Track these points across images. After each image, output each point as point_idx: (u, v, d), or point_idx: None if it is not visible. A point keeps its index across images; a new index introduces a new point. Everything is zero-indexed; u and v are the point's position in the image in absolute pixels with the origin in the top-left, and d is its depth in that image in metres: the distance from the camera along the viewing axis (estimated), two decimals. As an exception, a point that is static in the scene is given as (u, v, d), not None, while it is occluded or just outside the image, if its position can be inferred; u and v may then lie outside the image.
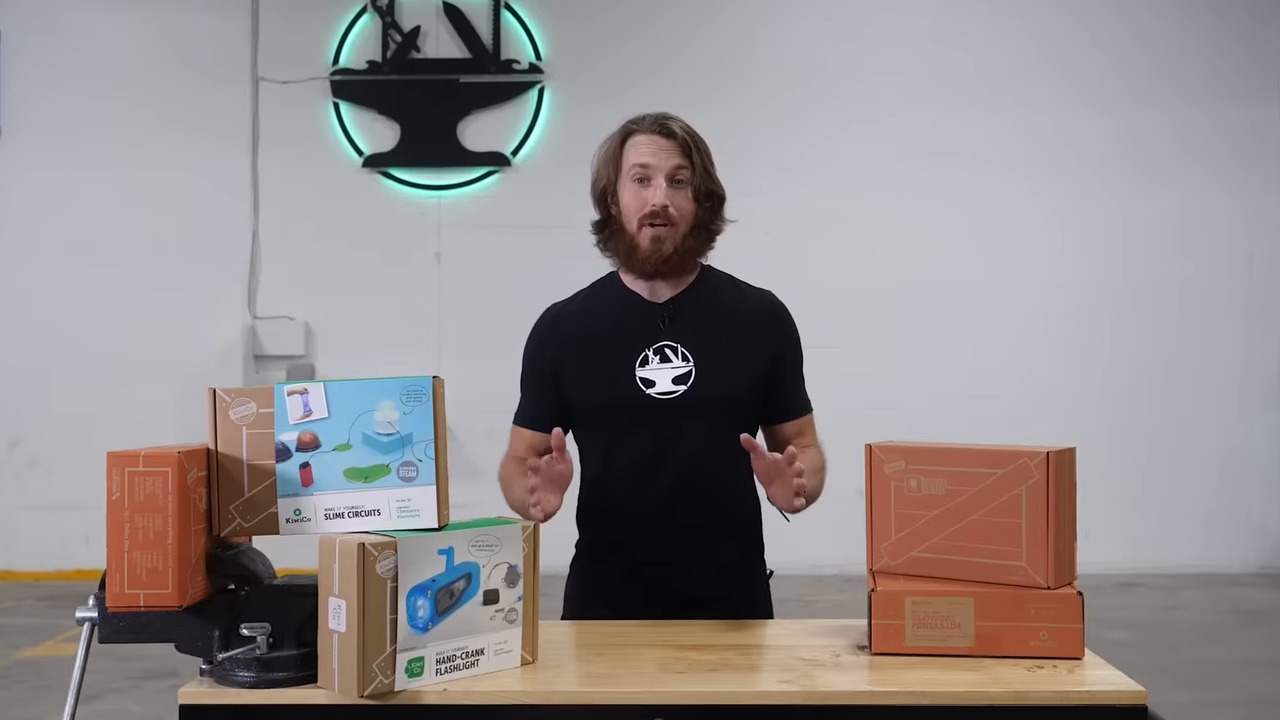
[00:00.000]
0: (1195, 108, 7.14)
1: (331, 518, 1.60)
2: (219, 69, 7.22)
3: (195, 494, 1.57)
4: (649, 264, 2.06)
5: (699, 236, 2.09)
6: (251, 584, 1.64)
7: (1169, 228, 7.15)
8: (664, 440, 2.04)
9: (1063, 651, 1.67)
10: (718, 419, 2.05)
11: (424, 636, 1.54)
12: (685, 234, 2.07)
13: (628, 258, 2.09)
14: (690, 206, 2.07)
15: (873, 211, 7.10)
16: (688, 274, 2.13)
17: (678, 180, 2.06)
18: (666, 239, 2.05)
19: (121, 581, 1.54)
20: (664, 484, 2.05)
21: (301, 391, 1.62)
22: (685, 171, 2.06)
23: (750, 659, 1.76)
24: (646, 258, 2.06)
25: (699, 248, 2.11)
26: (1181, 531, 7.04)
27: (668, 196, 2.04)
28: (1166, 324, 7.14)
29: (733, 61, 7.16)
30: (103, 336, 7.14)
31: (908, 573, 1.77)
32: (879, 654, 1.70)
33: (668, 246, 2.05)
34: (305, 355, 7.25)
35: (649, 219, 2.05)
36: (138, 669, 4.75)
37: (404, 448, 1.60)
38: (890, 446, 1.81)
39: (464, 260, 7.22)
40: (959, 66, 7.16)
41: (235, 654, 1.56)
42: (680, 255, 2.07)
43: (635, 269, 2.10)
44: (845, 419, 2.11)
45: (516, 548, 1.64)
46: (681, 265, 2.09)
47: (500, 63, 7.24)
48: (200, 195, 7.22)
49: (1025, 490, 1.70)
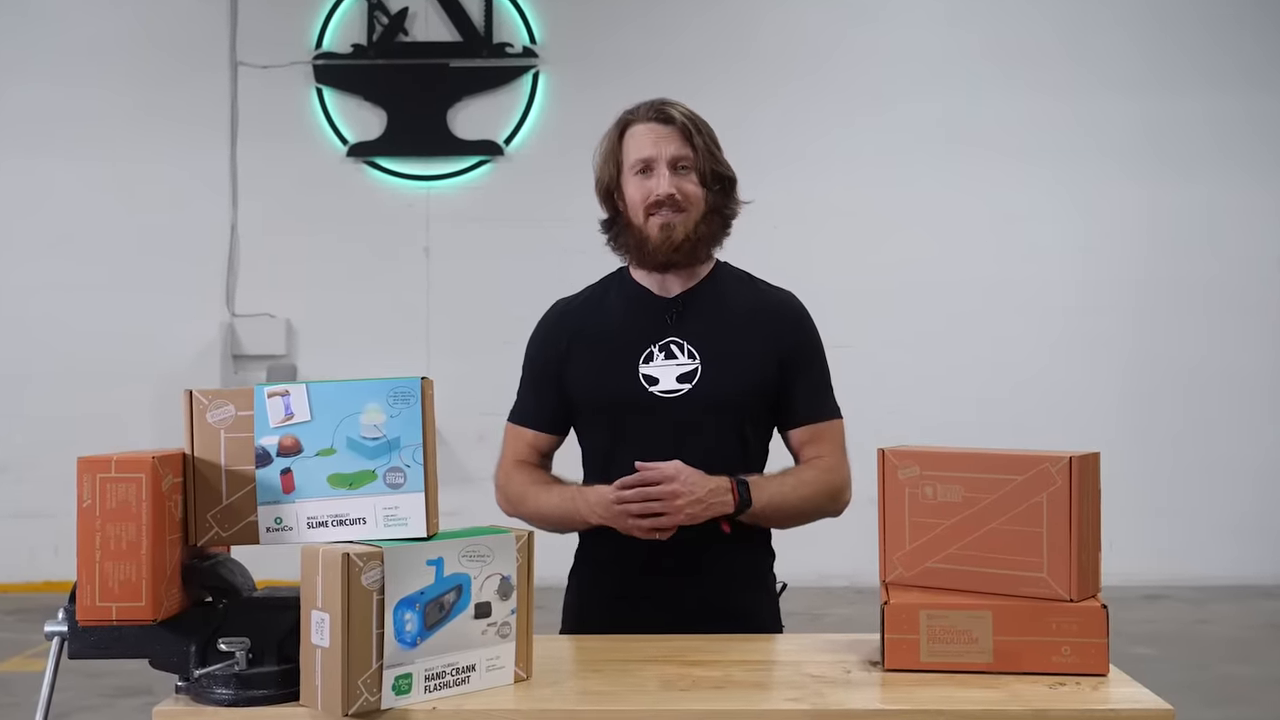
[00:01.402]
0: (1226, 94, 7.14)
1: (314, 526, 1.60)
2: (195, 53, 7.22)
3: (170, 501, 1.57)
4: (661, 253, 2.07)
5: (711, 222, 2.09)
6: (230, 596, 1.63)
7: (1195, 222, 7.15)
8: (667, 441, 2.04)
9: (1086, 668, 1.66)
10: (723, 420, 2.05)
11: (412, 652, 1.54)
12: (697, 220, 2.07)
13: (639, 251, 2.09)
14: (698, 191, 2.07)
15: (882, 204, 7.10)
16: (701, 267, 2.13)
17: (681, 166, 2.06)
18: (677, 225, 2.06)
19: (92, 594, 1.53)
20: None
21: (283, 393, 1.61)
22: (689, 156, 2.06)
23: (756, 676, 1.75)
24: (658, 247, 2.06)
25: (712, 234, 2.11)
26: (1210, 541, 7.04)
27: (672, 183, 2.05)
28: (1191, 323, 7.14)
29: (738, 46, 7.16)
30: (73, 335, 7.14)
31: (922, 584, 1.77)
32: (892, 670, 1.69)
33: (679, 233, 2.06)
34: (286, 355, 7.25)
35: (655, 208, 2.06)
36: (110, 686, 4.75)
37: (391, 452, 1.60)
38: (904, 451, 1.80)
39: (454, 254, 7.22)
40: (973, 50, 7.16)
41: (213, 670, 1.56)
42: (693, 242, 2.07)
43: (647, 262, 2.10)
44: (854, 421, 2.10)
45: (510, 558, 1.63)
46: (695, 253, 2.09)
47: (493, 46, 7.24)
48: (176, 187, 7.21)
49: (1046, 497, 1.69)
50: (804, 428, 2.13)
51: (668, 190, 2.04)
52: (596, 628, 2.05)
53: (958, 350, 7.07)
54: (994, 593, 1.71)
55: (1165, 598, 6.65)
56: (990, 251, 7.14)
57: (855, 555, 4.22)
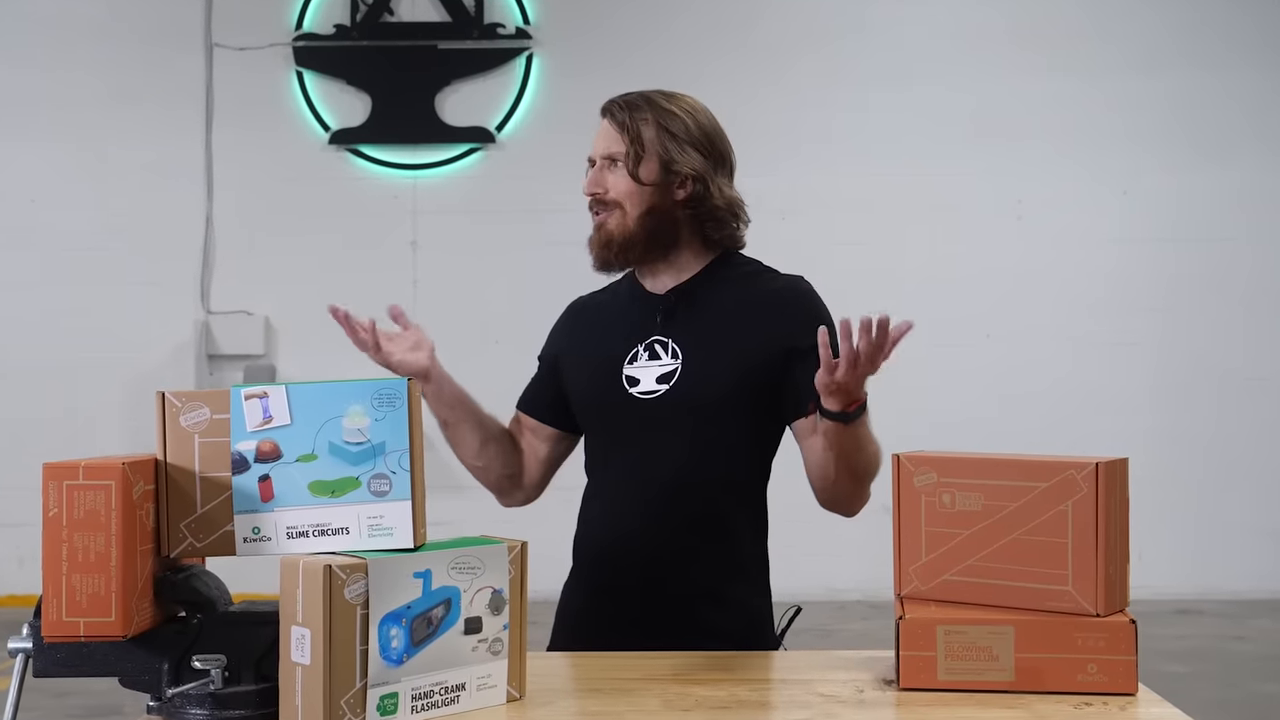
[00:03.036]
0: (1263, 75, 7.14)
1: (294, 537, 1.60)
2: (168, 34, 7.22)
3: (142, 510, 1.57)
4: (594, 251, 2.12)
5: (660, 217, 2.08)
6: (205, 611, 1.63)
7: (1230, 211, 7.15)
8: (648, 446, 2.05)
9: (1114, 686, 1.67)
10: (703, 423, 2.04)
11: (398, 670, 1.54)
12: (637, 216, 2.08)
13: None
14: (628, 185, 2.07)
15: (896, 193, 7.11)
16: (694, 261, 2.13)
17: (611, 159, 2.10)
18: (605, 223, 2.10)
19: (59, 608, 1.53)
20: (652, 496, 2.05)
21: (261, 395, 1.62)
22: (618, 150, 2.08)
23: (763, 695, 1.75)
24: (592, 246, 2.12)
25: (665, 230, 2.09)
26: (1246, 552, 7.04)
27: (596, 181, 2.10)
28: (1227, 318, 7.15)
29: (743, 25, 7.16)
30: (38, 333, 7.14)
31: (940, 598, 1.77)
32: (907, 689, 1.69)
33: (606, 231, 2.09)
34: (265, 355, 7.25)
35: (591, 209, 2.13)
36: (78, 706, 4.75)
37: (375, 458, 1.60)
38: (920, 456, 1.81)
39: (443, 248, 7.23)
40: (995, 28, 7.16)
41: (187, 689, 1.56)
42: (630, 242, 2.08)
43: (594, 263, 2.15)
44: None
45: (502, 570, 1.64)
46: (637, 253, 2.10)
47: (483, 27, 7.24)
48: (147, 176, 7.22)
49: (1071, 506, 1.70)
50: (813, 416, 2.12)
51: (588, 190, 2.11)
52: (591, 644, 2.05)
53: (977, 347, 7.07)
54: (1016, 607, 1.72)
55: (1198, 612, 6.65)
56: (1013, 243, 7.14)
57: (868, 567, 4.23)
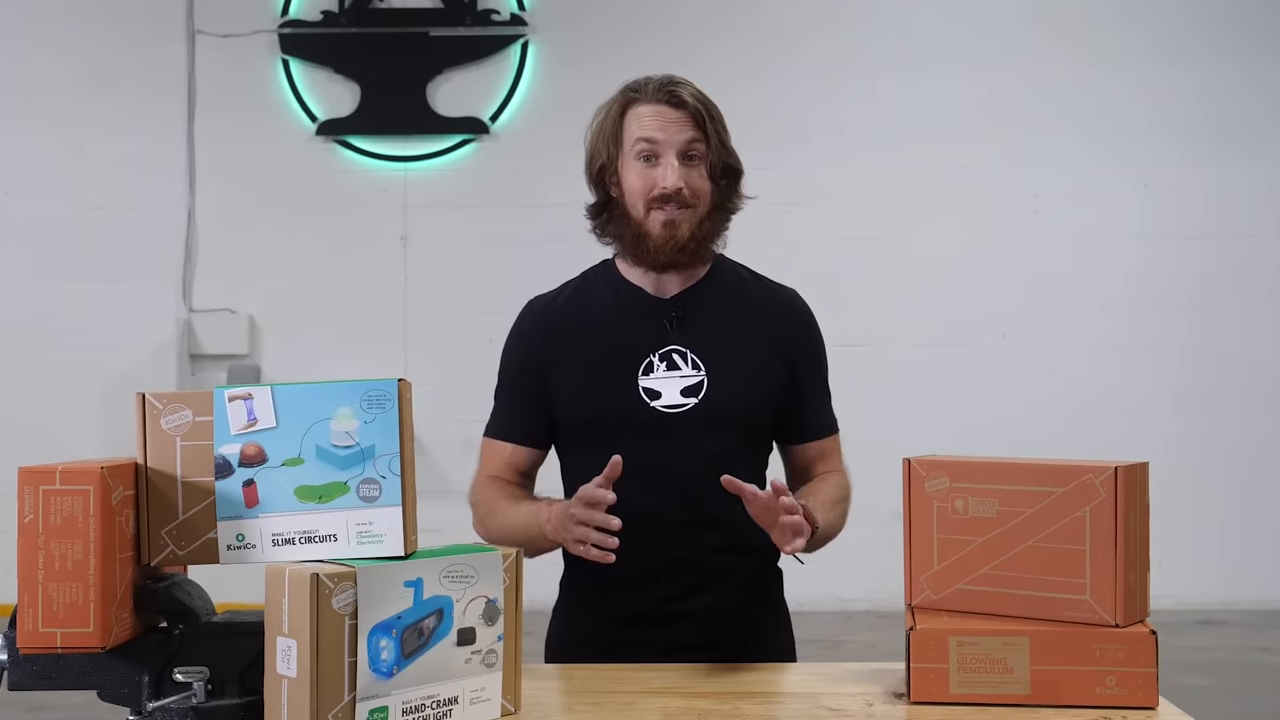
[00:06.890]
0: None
1: (280, 544, 1.60)
2: (148, 20, 7.22)
3: (121, 516, 1.57)
4: (663, 253, 2.06)
5: (716, 219, 2.10)
6: (187, 621, 1.64)
7: (1258, 206, 7.15)
8: (670, 460, 2.04)
9: (1133, 700, 1.67)
10: (731, 436, 2.06)
11: (388, 683, 1.54)
12: (703, 217, 2.07)
13: (635, 247, 2.08)
14: (706, 185, 2.07)
15: (910, 186, 7.10)
16: (701, 264, 2.13)
17: (690, 156, 2.05)
18: (682, 223, 2.05)
19: (35, 618, 1.54)
20: (669, 510, 2.05)
21: (245, 397, 1.62)
22: (699, 146, 2.05)
23: (768, 709, 1.76)
24: (659, 246, 2.05)
25: (716, 231, 2.11)
26: (1271, 562, 7.04)
27: (682, 176, 2.03)
28: (1254, 318, 7.14)
29: (748, 9, 7.15)
30: (11, 332, 7.13)
31: (952, 608, 1.78)
32: (918, 703, 1.70)
33: (683, 232, 2.05)
34: (249, 354, 7.25)
35: (659, 202, 2.04)
36: (53, 721, 4.75)
37: (364, 462, 1.60)
38: (932, 461, 1.81)
39: (435, 244, 7.22)
40: (1012, 14, 7.16)
41: (168, 703, 1.56)
42: (697, 242, 2.07)
43: (645, 260, 2.09)
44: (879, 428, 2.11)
45: (496, 579, 1.64)
46: (698, 253, 2.09)
47: (477, 13, 7.24)
48: (126, 168, 7.21)
49: (1089, 512, 1.70)
50: (819, 442, 2.15)
51: (676, 184, 2.03)
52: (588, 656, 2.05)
53: (993, 349, 7.07)
54: (1031, 617, 1.72)
55: (1221, 623, 6.65)
56: (1029, 238, 7.13)
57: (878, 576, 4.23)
